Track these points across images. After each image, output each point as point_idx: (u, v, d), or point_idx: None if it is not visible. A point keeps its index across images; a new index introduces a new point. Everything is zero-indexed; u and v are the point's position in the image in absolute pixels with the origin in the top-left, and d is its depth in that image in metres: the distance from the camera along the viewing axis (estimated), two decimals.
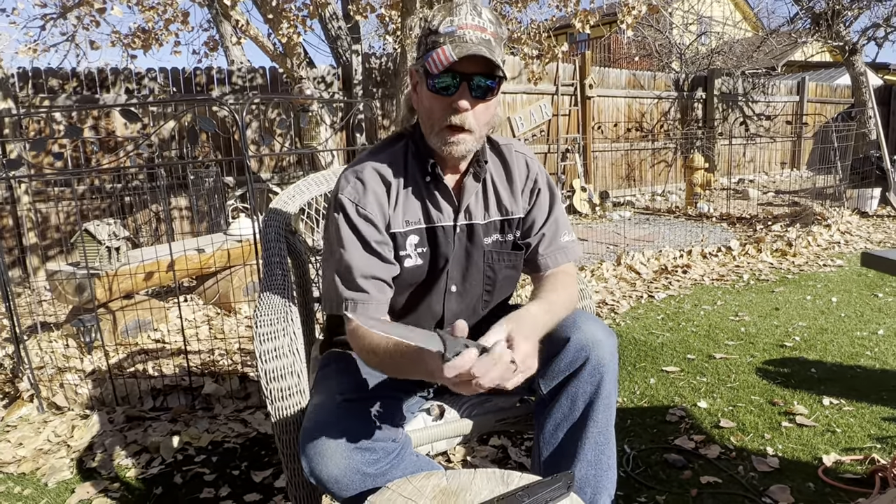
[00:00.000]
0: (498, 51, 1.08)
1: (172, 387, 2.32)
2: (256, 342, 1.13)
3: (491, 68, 1.05)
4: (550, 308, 1.10)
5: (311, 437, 1.03)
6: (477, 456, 1.79)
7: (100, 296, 2.91)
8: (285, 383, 1.12)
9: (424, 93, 1.11)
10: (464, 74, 1.05)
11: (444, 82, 1.06)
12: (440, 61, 1.03)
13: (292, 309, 1.23)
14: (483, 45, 1.04)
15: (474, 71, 1.05)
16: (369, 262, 1.14)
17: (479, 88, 1.07)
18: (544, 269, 1.25)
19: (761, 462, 1.66)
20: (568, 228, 1.29)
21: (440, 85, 1.07)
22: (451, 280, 1.22)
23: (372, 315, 1.13)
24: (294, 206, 1.70)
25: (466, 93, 1.06)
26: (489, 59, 1.03)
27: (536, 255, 1.25)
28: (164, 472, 1.80)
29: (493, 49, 1.06)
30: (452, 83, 1.06)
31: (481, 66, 1.05)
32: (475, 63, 1.04)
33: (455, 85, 1.06)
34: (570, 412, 1.14)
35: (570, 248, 1.27)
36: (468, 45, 1.03)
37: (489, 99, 1.09)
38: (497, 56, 1.06)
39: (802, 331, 2.73)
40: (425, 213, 1.19)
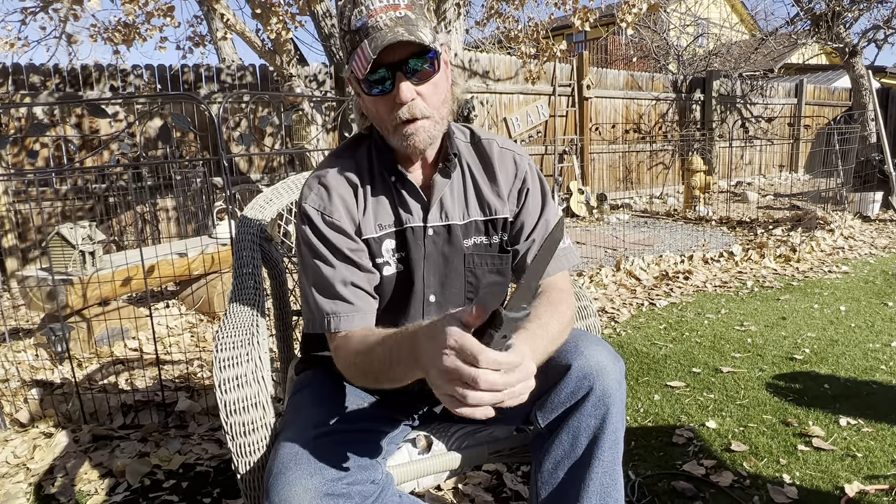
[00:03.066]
0: (421, 22, 0.94)
1: (145, 402, 2.17)
2: (216, 369, 0.99)
3: (420, 46, 0.92)
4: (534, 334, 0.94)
5: (278, 480, 0.89)
6: (469, 483, 1.65)
7: (74, 303, 2.76)
8: (248, 416, 0.98)
9: (365, 98, 0.98)
10: (393, 64, 0.93)
11: (376, 78, 0.94)
12: (362, 61, 0.90)
13: (259, 330, 1.09)
14: (400, 26, 0.91)
15: (405, 56, 0.93)
16: (347, 270, 1.01)
17: (415, 73, 0.94)
18: None
19: (778, 492, 1.53)
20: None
21: (375, 87, 0.94)
22: (429, 288, 1.08)
23: (358, 325, 1.00)
24: (271, 211, 1.56)
25: (404, 82, 0.93)
26: (412, 41, 0.90)
27: (525, 264, 1.11)
28: (128, 499, 1.66)
29: (412, 24, 0.92)
30: (385, 77, 0.93)
31: (409, 48, 0.92)
32: (402, 47, 0.91)
33: (389, 79, 0.94)
34: (572, 449, 1.01)
35: (562, 256, 1.12)
36: (383, 32, 0.90)
37: (432, 76, 0.96)
38: (422, 29, 0.92)
39: (812, 342, 2.60)
40: (396, 215, 1.06)
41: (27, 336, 3.00)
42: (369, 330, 0.98)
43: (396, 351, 0.86)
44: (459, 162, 1.09)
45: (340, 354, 0.99)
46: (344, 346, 0.98)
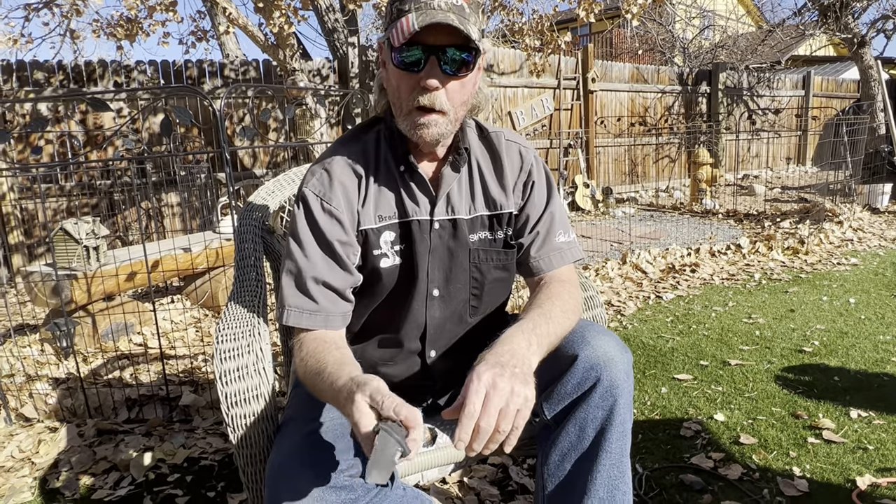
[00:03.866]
0: (474, 18, 0.92)
1: (149, 397, 2.17)
2: (217, 360, 0.98)
3: (465, 39, 0.90)
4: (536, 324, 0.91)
5: (279, 472, 0.88)
6: (475, 476, 1.63)
7: (78, 298, 2.76)
8: (249, 409, 0.96)
9: (391, 69, 0.96)
10: (432, 47, 0.90)
11: (409, 56, 0.91)
12: (402, 31, 0.88)
13: (260, 322, 1.07)
14: (453, 13, 0.89)
15: (445, 43, 0.90)
16: (325, 266, 0.99)
17: (452, 63, 0.91)
18: (537, 273, 1.09)
19: (788, 484, 1.51)
20: (565, 227, 1.13)
21: (406, 60, 0.92)
22: (433, 283, 1.06)
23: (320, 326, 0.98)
24: (273, 201, 1.55)
25: (436, 68, 0.91)
26: (460, 30, 0.87)
27: (528, 257, 1.09)
28: (133, 493, 1.65)
29: (465, 16, 0.90)
30: (420, 57, 0.91)
31: (452, 36, 0.89)
32: (445, 34, 0.89)
33: (422, 59, 0.91)
34: (579, 441, 0.99)
35: (566, 250, 1.11)
36: (434, 12, 0.88)
37: (464, 75, 0.93)
38: (472, 25, 0.90)
39: (821, 334, 2.57)
40: (400, 207, 1.04)
41: (33, 332, 3.01)
42: (330, 344, 0.95)
43: (331, 386, 0.84)
44: (468, 156, 1.07)
45: (297, 352, 0.96)
46: (301, 345, 0.96)
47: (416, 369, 1.12)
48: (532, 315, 0.94)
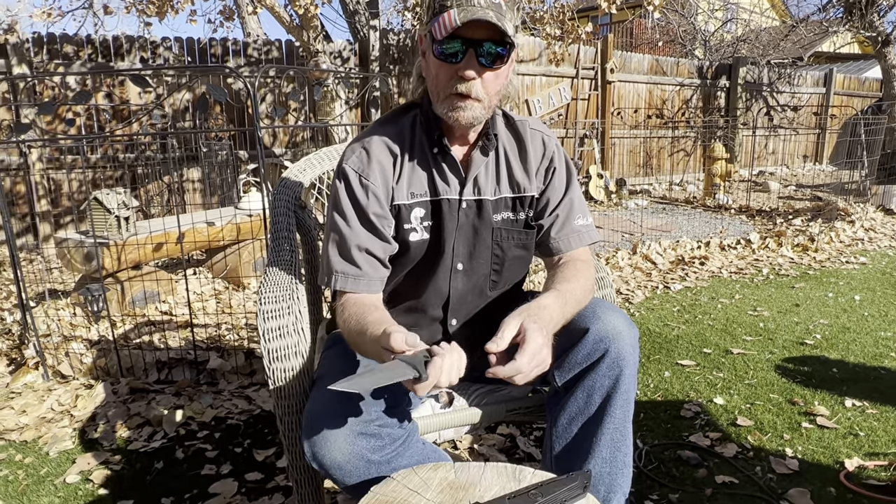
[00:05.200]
0: (510, 15, 1.01)
1: (178, 360, 2.29)
2: (260, 319, 1.08)
3: (501, 34, 0.98)
4: (565, 300, 1.04)
5: (315, 421, 0.98)
6: (484, 444, 1.74)
7: (108, 265, 2.88)
8: (289, 364, 1.07)
9: (431, 59, 1.05)
10: (471, 41, 0.99)
11: (450, 49, 1.00)
12: (444, 26, 0.97)
13: (298, 286, 1.18)
14: (492, 10, 0.97)
15: (482, 37, 0.99)
16: (366, 235, 1.09)
17: (488, 56, 1.00)
18: (556, 253, 1.19)
19: (780, 463, 1.60)
20: (584, 211, 1.22)
21: (446, 51, 1.00)
22: (457, 257, 1.16)
23: (363, 290, 1.09)
24: (305, 178, 1.65)
25: (473, 60, 1.00)
26: (498, 26, 0.96)
27: (548, 238, 1.19)
28: (165, 446, 1.78)
29: (503, 14, 0.99)
30: (459, 50, 1.00)
31: (490, 31, 0.98)
32: (483, 28, 0.98)
33: (461, 52, 1.00)
34: (586, 406, 1.08)
35: (584, 232, 1.20)
36: (475, 9, 0.96)
37: (498, 67, 1.02)
38: (507, 21, 0.99)
39: (824, 329, 2.64)
40: (431, 186, 1.14)
41: (62, 297, 3.15)
42: (371, 306, 1.06)
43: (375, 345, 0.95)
44: (496, 142, 1.16)
45: (340, 314, 1.07)
46: (344, 307, 1.06)
47: (438, 336, 1.22)
48: (561, 289, 1.05)
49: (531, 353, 0.87)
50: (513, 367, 0.85)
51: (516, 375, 0.86)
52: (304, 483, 1.15)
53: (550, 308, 0.98)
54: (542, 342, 0.88)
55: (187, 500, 1.52)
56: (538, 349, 0.88)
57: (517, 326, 0.91)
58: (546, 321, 0.94)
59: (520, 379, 0.86)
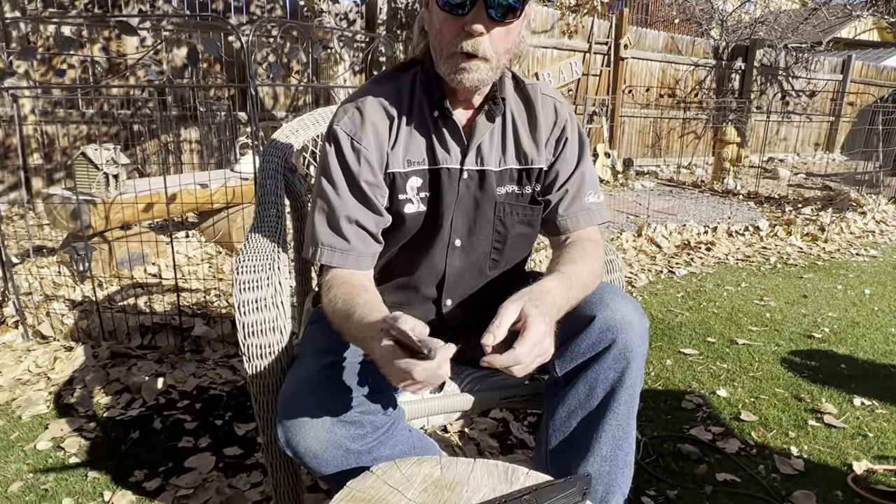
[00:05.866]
0: None
1: (162, 325, 2.21)
2: (236, 290, 0.99)
3: None
4: (570, 284, 0.94)
5: (291, 403, 0.90)
6: (476, 428, 1.67)
7: (96, 224, 2.79)
8: (266, 339, 0.98)
9: (435, 10, 0.93)
10: None
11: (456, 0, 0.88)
12: None
13: (281, 256, 1.08)
14: None
15: None
16: (356, 206, 0.99)
17: (499, 8, 0.88)
18: (564, 231, 1.09)
19: (784, 463, 1.52)
20: (595, 188, 1.11)
21: (452, 1, 0.88)
22: (455, 232, 1.06)
23: (351, 266, 0.99)
24: (297, 140, 1.54)
25: (482, 13, 0.88)
26: None
27: (556, 214, 1.08)
28: (143, 414, 1.71)
29: None
30: (465, 2, 0.88)
31: None
32: None
33: (469, 2, 0.88)
34: (587, 400, 1.00)
35: (594, 210, 1.10)
36: None
37: (510, 21, 0.90)
38: None
39: (832, 322, 2.56)
40: (430, 153, 1.03)
41: (50, 254, 3.06)
42: (360, 287, 0.95)
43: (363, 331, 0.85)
44: (504, 107, 1.05)
45: (326, 292, 0.97)
46: (331, 285, 0.96)
47: (430, 317, 1.12)
48: (567, 272, 0.95)
49: (532, 343, 0.77)
50: (511, 356, 0.76)
51: (515, 366, 0.77)
52: (280, 468, 1.07)
53: (554, 292, 0.89)
54: (544, 330, 0.79)
55: (161, 473, 1.45)
56: (540, 338, 0.78)
57: (517, 312, 0.82)
58: (549, 306, 0.85)
59: (518, 370, 0.77)
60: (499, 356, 0.76)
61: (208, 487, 1.38)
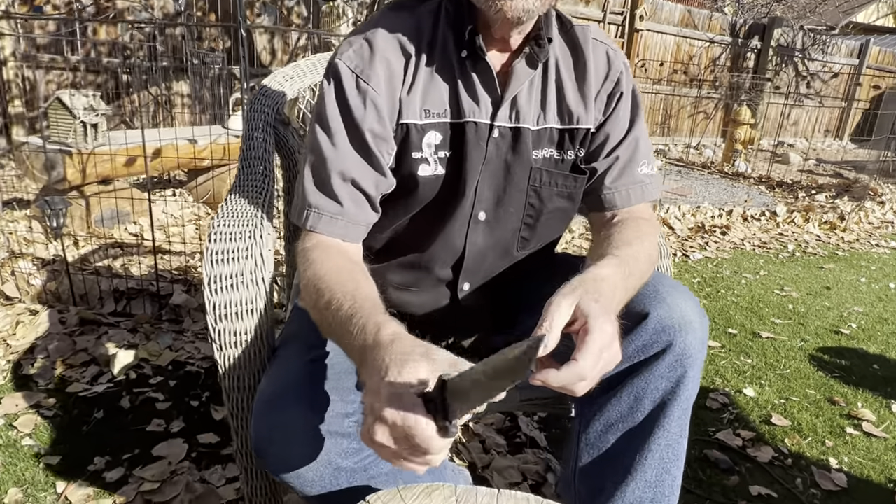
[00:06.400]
0: None
1: (139, 291, 2.02)
2: (206, 262, 0.80)
3: None
4: (628, 271, 0.75)
5: (270, 405, 0.72)
6: (481, 423, 1.50)
7: (72, 177, 2.57)
8: (241, 325, 0.79)
9: None
10: None
11: None
12: None
13: (264, 223, 0.89)
14: None
15: None
16: (355, 160, 0.79)
17: None
18: (610, 207, 0.90)
19: (824, 477, 1.37)
20: (649, 157, 0.92)
21: None
22: (480, 203, 0.87)
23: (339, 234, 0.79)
24: (292, 88, 1.33)
25: None
26: None
27: (602, 186, 0.89)
28: (110, 391, 1.53)
29: None
30: None
31: None
32: None
33: None
34: (632, 412, 0.82)
35: (648, 184, 0.91)
36: None
37: None
38: None
39: (859, 318, 2.40)
40: (454, 103, 0.82)
41: (16, 209, 2.85)
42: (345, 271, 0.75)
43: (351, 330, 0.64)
44: (548, 51, 0.84)
45: (304, 263, 0.77)
46: (309, 260, 0.76)
47: (443, 303, 0.94)
48: (622, 255, 0.76)
49: (598, 350, 0.59)
50: (573, 372, 0.58)
51: (577, 384, 0.59)
52: (256, 475, 0.90)
53: (611, 281, 0.70)
54: (611, 332, 0.61)
55: (126, 461, 1.28)
56: (607, 342, 0.60)
57: (571, 309, 0.63)
58: (609, 300, 0.67)
59: (582, 388, 0.60)
60: (555, 373, 0.58)
61: (177, 482, 1.21)
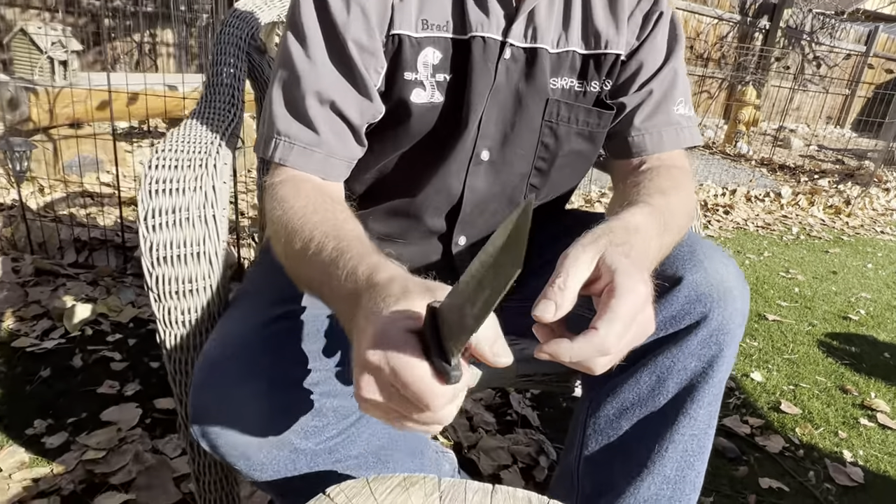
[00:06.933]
0: None
1: (102, 241, 1.86)
2: (143, 193, 0.64)
3: None
4: (664, 224, 0.61)
5: (211, 372, 0.58)
6: (469, 398, 1.37)
7: (38, 118, 2.38)
8: (185, 271, 0.65)
9: None
10: None
11: None
12: None
13: (222, 152, 0.73)
14: None
15: None
16: (334, 79, 0.63)
17: None
18: (638, 152, 0.75)
19: (839, 471, 1.26)
20: (686, 95, 0.78)
21: None
22: (483, 140, 0.72)
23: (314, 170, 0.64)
24: (269, 13, 1.17)
25: None
26: None
27: (630, 126, 0.75)
28: (62, 347, 1.38)
29: None
30: None
31: None
32: None
33: None
34: (652, 396, 0.69)
35: (685, 127, 0.77)
36: None
37: None
38: None
39: (867, 304, 2.29)
40: (458, 14, 0.67)
41: None
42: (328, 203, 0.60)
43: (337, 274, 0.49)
44: None
45: (272, 201, 0.62)
46: (281, 196, 0.62)
47: (433, 258, 0.80)
48: (657, 205, 0.62)
49: (628, 315, 0.45)
50: (593, 343, 0.44)
51: (596, 360, 0.45)
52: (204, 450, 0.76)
53: (645, 232, 0.56)
54: (645, 295, 0.47)
55: (70, 426, 1.14)
56: (639, 306, 0.46)
57: (592, 262, 0.49)
58: (641, 254, 0.53)
59: (602, 365, 0.46)
60: (568, 344, 0.44)
61: (125, 451, 1.08)
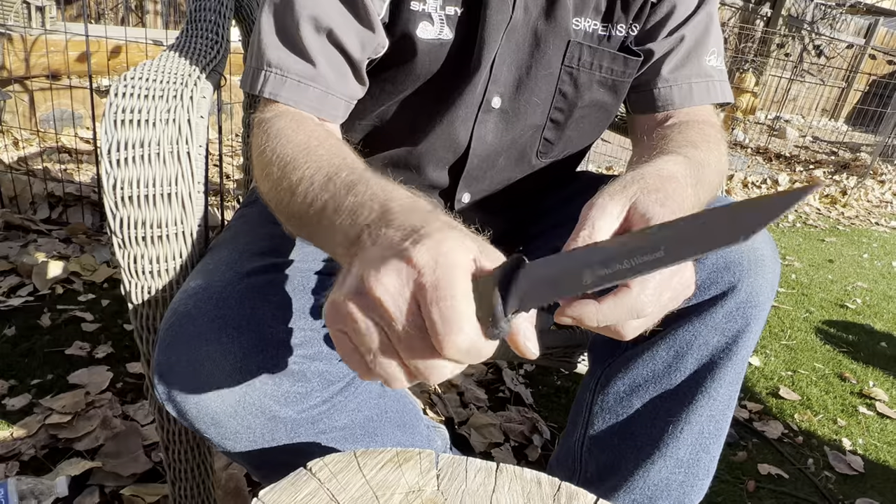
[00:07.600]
0: None
1: (78, 198, 1.77)
2: (107, 122, 0.56)
3: None
4: (699, 176, 0.55)
5: (179, 328, 0.50)
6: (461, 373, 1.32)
7: (13, 66, 2.25)
8: (154, 214, 0.57)
9: None
10: None
11: None
12: None
13: (201, 83, 0.64)
14: None
15: None
16: (332, 4, 0.55)
17: None
18: (665, 106, 0.68)
19: (838, 459, 1.23)
20: (719, 46, 0.71)
21: None
22: (495, 84, 0.65)
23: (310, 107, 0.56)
24: None
25: None
26: None
27: (657, 76, 0.68)
28: (30, 305, 1.30)
29: None
30: None
31: None
32: None
33: None
34: (668, 372, 0.63)
35: (716, 80, 0.70)
36: None
37: None
38: None
39: (864, 293, 2.26)
40: None
41: None
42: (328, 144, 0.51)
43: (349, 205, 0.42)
44: None
45: (263, 134, 0.54)
46: (277, 122, 0.54)
47: None
48: (692, 157, 0.55)
49: (666, 273, 0.39)
50: (625, 304, 0.38)
51: (627, 323, 0.39)
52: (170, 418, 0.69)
53: (680, 181, 0.49)
54: None
55: (34, 387, 1.07)
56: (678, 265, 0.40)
57: (622, 211, 0.43)
58: (677, 204, 0.46)
59: (633, 329, 0.40)
60: (595, 306, 0.38)
61: (93, 416, 1.01)
